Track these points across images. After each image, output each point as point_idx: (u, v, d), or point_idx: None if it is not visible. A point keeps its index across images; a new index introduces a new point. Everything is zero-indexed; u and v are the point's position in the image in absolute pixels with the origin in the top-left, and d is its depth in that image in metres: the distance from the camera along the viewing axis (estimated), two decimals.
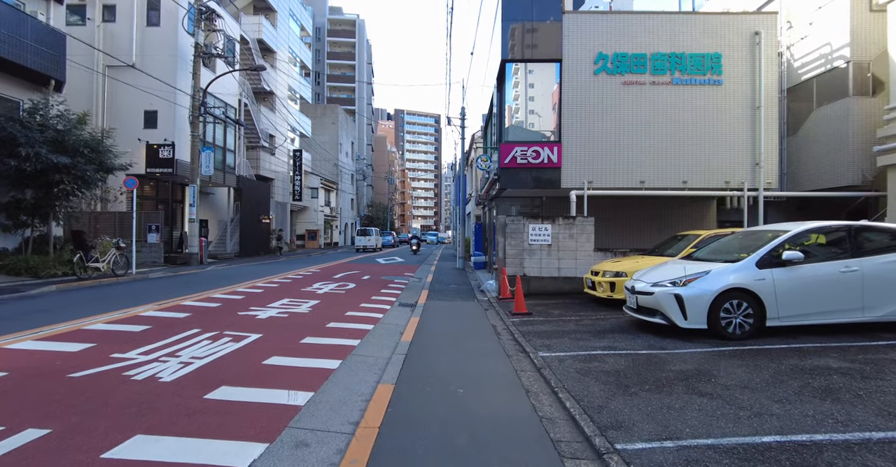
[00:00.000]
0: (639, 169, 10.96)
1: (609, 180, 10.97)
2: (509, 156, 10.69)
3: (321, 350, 5.37)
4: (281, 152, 31.46)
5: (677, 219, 13.10)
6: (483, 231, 19.36)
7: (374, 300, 9.44)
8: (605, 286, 8.43)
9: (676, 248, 8.97)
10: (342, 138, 45.73)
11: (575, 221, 10.29)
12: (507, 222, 10.31)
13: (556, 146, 10.75)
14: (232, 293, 9.76)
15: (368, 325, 6.90)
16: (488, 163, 11.23)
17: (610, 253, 10.32)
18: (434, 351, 5.50)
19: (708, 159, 10.96)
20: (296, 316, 7.44)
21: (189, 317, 7.07)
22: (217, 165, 21.57)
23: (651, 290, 6.11)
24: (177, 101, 18.12)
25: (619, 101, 10.94)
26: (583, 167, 10.92)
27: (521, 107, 11.59)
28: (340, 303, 8.83)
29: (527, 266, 10.26)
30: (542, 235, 10.25)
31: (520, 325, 7.00)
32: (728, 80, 10.89)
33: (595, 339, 5.97)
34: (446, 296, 10.29)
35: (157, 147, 17.98)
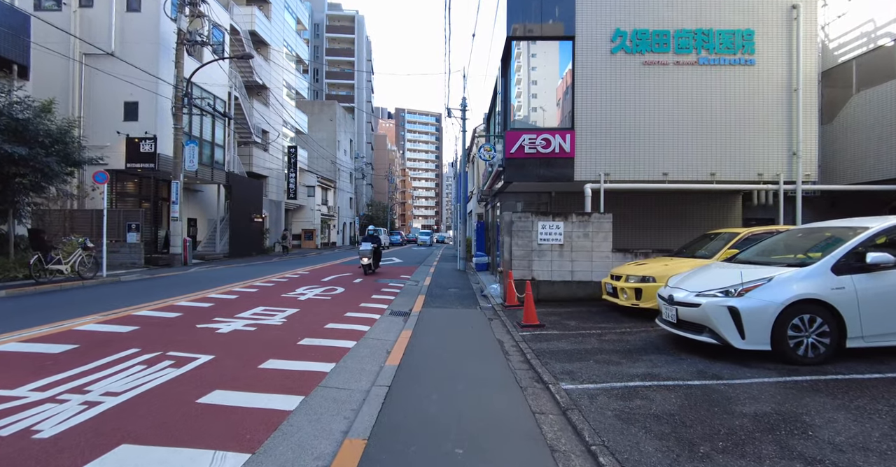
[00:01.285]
0: (661, 160, 9.78)
1: (628, 172, 9.79)
2: (516, 145, 9.52)
3: (282, 379, 4.20)
4: (275, 149, 30.32)
5: (699, 216, 11.91)
6: (485, 230, 18.18)
7: (362, 308, 8.28)
8: (630, 293, 7.25)
9: (709, 249, 7.79)
10: (340, 135, 44.58)
11: (590, 218, 9.11)
12: (513, 219, 9.14)
13: (568, 134, 9.58)
14: (201, 300, 8.60)
15: (349, 342, 5.73)
16: (492, 153, 10.06)
17: (630, 254, 9.14)
18: (426, 380, 4.33)
19: (738, 149, 9.78)
20: (265, 329, 6.27)
21: (134, 331, 5.91)
22: (204, 161, 20.44)
23: (696, 301, 4.93)
24: (159, 92, 16.99)
25: (639, 84, 9.76)
26: (598, 157, 9.74)
27: (524, 91, 10.39)
28: (322, 313, 7.66)
29: (536, 269, 9.09)
30: (554, 234, 9.08)
31: (532, 341, 5.83)
32: (761, 59, 9.71)
33: (628, 362, 4.80)
34: (445, 303, 9.13)
35: (137, 141, 16.85)
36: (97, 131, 17.02)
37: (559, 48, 10.22)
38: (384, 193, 71.15)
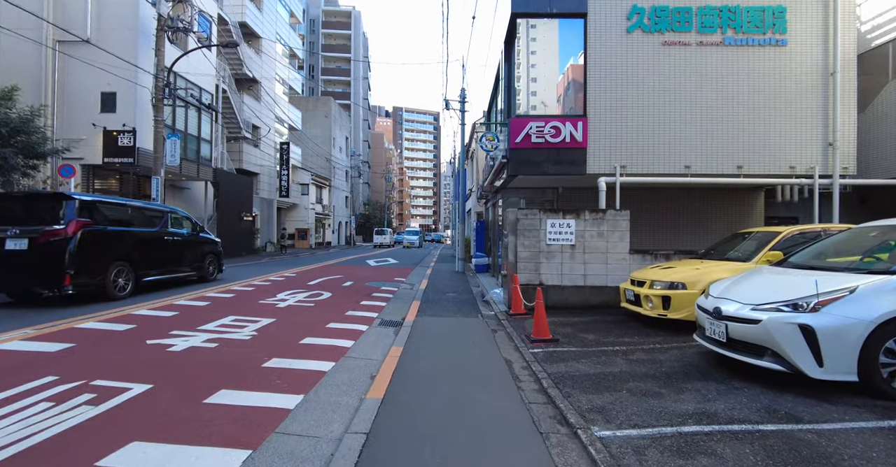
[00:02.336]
0: (683, 151, 8.82)
1: (646, 165, 8.83)
2: (521, 134, 8.54)
3: (229, 422, 3.21)
4: (267, 146, 29.28)
5: (717, 214, 10.96)
6: (485, 229, 17.21)
7: (348, 317, 7.28)
8: (656, 302, 6.27)
9: (743, 250, 6.83)
10: (335, 133, 43.53)
11: (605, 216, 8.14)
12: (519, 217, 8.16)
13: (580, 121, 8.60)
14: (165, 307, 7.59)
15: (326, 363, 4.74)
16: (495, 143, 9.07)
17: (649, 256, 8.18)
18: (417, 424, 3.34)
19: (768, 139, 8.82)
20: (228, 346, 5.28)
21: (64, 351, 4.90)
22: (190, 156, 19.40)
23: (754, 316, 3.96)
24: (138, 82, 15.94)
25: (659, 66, 8.80)
26: (614, 148, 8.77)
27: (524, 76, 9.39)
28: (301, 323, 6.67)
29: (544, 272, 8.11)
30: (564, 233, 8.11)
31: (546, 362, 4.85)
32: (794, 39, 8.75)
33: (671, 393, 3.83)
34: (442, 310, 8.15)
35: (115, 134, 15.80)
36: (72, 123, 15.98)
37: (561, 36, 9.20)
38: (381, 192, 70.13)
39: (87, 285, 7.81)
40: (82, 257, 7.62)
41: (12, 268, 7.33)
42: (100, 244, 8.07)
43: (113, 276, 8.26)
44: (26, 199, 8.14)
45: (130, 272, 8.68)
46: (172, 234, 10.24)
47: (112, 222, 8.57)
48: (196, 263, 11.07)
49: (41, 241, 7.34)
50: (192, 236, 11.07)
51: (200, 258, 11.27)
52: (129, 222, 9.07)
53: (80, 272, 7.59)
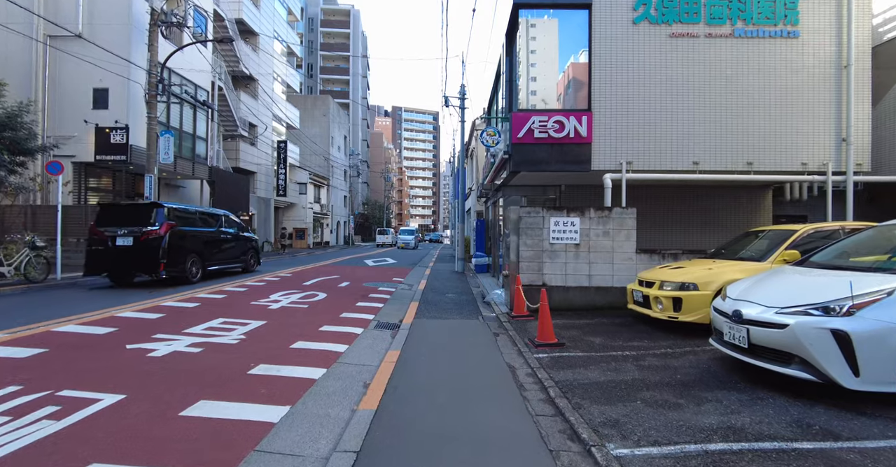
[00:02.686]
0: (691, 146, 8.51)
1: (653, 161, 8.52)
2: (524, 129, 8.22)
3: (206, 437, 2.90)
4: (264, 144, 28.95)
5: (724, 212, 10.65)
6: (485, 229, 16.90)
7: (343, 319, 6.96)
8: (666, 303, 5.96)
9: (756, 249, 6.52)
10: (334, 131, 43.19)
11: (611, 214, 7.83)
12: (521, 216, 7.85)
13: (585, 115, 8.29)
14: (151, 309, 7.27)
15: (317, 370, 4.42)
16: (496, 139, 8.72)
17: (657, 255, 7.87)
18: (412, 440, 3.03)
19: (779, 134, 8.52)
20: (213, 351, 4.96)
21: (36, 357, 4.58)
22: (184, 154, 19.07)
23: (780, 320, 3.64)
24: (131, 77, 15.62)
25: (666, 59, 8.49)
26: (619, 143, 8.46)
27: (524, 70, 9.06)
28: (293, 326, 6.35)
29: (547, 272, 7.80)
30: (568, 232, 7.79)
31: (552, 368, 4.54)
32: (806, 31, 8.45)
33: (690, 404, 3.52)
34: (441, 312, 7.83)
35: (108, 131, 15.47)
36: (64, 120, 15.67)
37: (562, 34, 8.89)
38: (380, 192, 69.80)
39: (173, 272, 10.10)
40: (171, 250, 9.94)
41: (121, 259, 9.70)
42: (181, 241, 10.35)
43: (189, 265, 10.60)
44: (130, 207, 10.64)
45: (199, 262, 11.02)
46: (225, 233, 12.52)
47: (186, 224, 10.80)
48: (241, 256, 13.51)
49: (142, 239, 9.65)
50: (238, 234, 13.37)
51: (245, 252, 13.72)
52: (197, 223, 11.33)
53: (169, 262, 9.88)
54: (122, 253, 9.63)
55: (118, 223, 9.91)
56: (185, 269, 10.40)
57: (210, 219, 12.09)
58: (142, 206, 10.39)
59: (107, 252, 9.68)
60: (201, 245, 11.16)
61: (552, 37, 8.99)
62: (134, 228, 9.73)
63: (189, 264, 10.52)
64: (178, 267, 10.18)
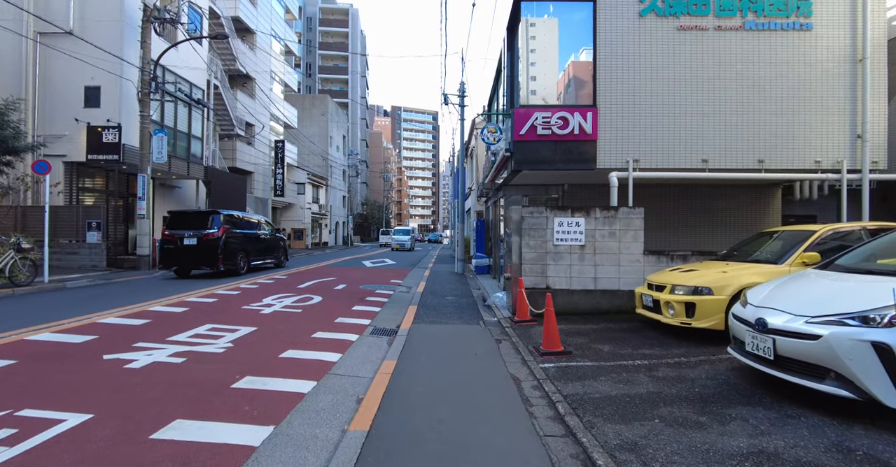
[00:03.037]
0: (700, 143, 8.19)
1: (660, 159, 8.20)
2: (526, 126, 7.90)
3: (176, 466, 2.58)
4: (262, 144, 28.61)
5: (730, 213, 10.35)
6: (486, 229, 16.58)
7: (338, 325, 6.64)
8: (679, 308, 5.64)
9: (771, 251, 6.21)
10: (332, 131, 42.86)
11: (617, 214, 7.51)
12: (524, 216, 7.53)
13: (590, 111, 7.97)
14: (137, 314, 6.94)
15: (307, 383, 4.10)
16: (497, 136, 8.38)
17: (664, 257, 7.55)
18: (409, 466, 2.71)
19: (792, 131, 8.20)
20: (197, 362, 4.64)
21: (1, 370, 4.25)
22: (179, 154, 18.75)
23: (811, 331, 3.33)
24: (124, 75, 15.28)
25: (674, 53, 8.18)
26: (625, 140, 8.15)
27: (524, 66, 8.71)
28: (284, 332, 6.03)
29: (551, 275, 7.48)
30: (573, 233, 7.48)
31: (560, 380, 4.22)
32: (820, 23, 8.14)
33: (713, 422, 3.20)
34: (441, 316, 7.51)
35: (100, 130, 15.12)
36: (54, 119, 15.32)
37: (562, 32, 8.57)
38: (380, 192, 69.48)
39: (228, 265, 12.45)
40: (225, 248, 12.22)
41: (187, 256, 12.08)
42: (233, 241, 12.72)
43: (239, 260, 12.95)
44: (193, 214, 13.10)
45: (246, 258, 13.39)
46: (263, 234, 14.95)
47: (236, 227, 13.17)
48: (275, 253, 15.81)
49: (204, 240, 11.94)
50: (273, 235, 15.85)
51: (277, 249, 16.07)
52: (244, 226, 13.74)
53: (225, 258, 12.18)
54: (188, 250, 12.04)
55: (184, 227, 12.24)
56: (236, 263, 12.80)
57: (252, 222, 14.64)
58: (203, 213, 12.86)
59: (176, 250, 12.09)
60: (247, 243, 13.64)
61: (552, 36, 8.70)
62: (197, 231, 12.05)
63: (239, 259, 12.94)
64: (231, 261, 12.55)
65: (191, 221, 12.47)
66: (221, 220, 12.41)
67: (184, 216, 12.80)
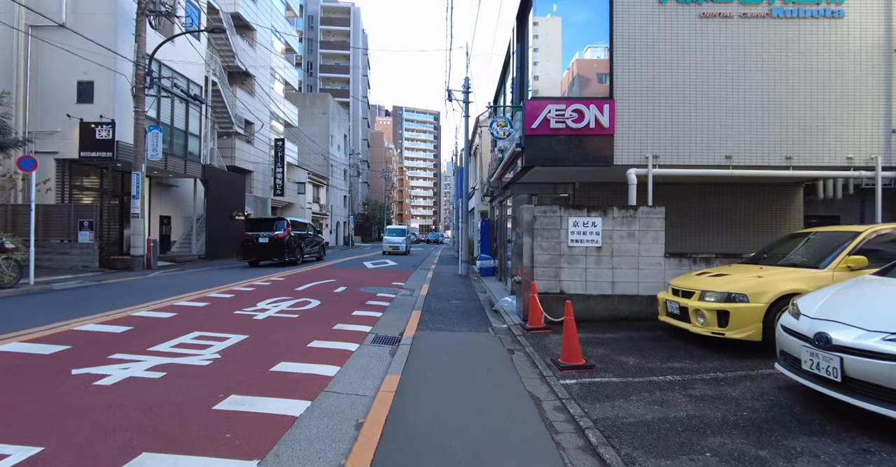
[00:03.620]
0: (723, 139, 7.68)
1: (681, 155, 7.69)
2: (539, 119, 7.40)
3: None
4: (262, 142, 28.15)
5: (751, 212, 9.84)
6: (490, 229, 16.08)
7: (336, 332, 6.15)
8: (710, 317, 5.13)
9: (808, 254, 5.71)
10: (333, 130, 42.38)
11: (636, 213, 7.01)
12: (536, 215, 7.03)
13: (606, 104, 7.46)
14: (119, 321, 6.45)
15: (299, 403, 3.60)
16: (507, 130, 7.86)
17: (687, 259, 7.05)
18: None
19: (822, 125, 7.69)
20: (178, 376, 4.14)
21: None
22: (176, 151, 18.29)
23: (892, 350, 2.82)
24: (117, 70, 14.81)
25: (696, 41, 7.67)
26: (644, 135, 7.64)
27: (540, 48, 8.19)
28: (277, 341, 5.53)
29: (565, 279, 6.98)
30: (589, 234, 6.98)
31: (586, 400, 3.73)
32: (852, 10, 7.63)
33: (777, 458, 2.71)
34: (446, 322, 7.02)
35: (93, 126, 14.67)
36: (46, 114, 14.88)
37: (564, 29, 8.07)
38: (381, 192, 69.01)
39: (290, 257, 16.71)
40: (289, 245, 16.33)
41: (262, 250, 16.11)
42: (292, 239, 16.75)
43: (297, 253, 17.13)
44: (265, 220, 17.38)
45: (301, 252, 17.47)
46: (311, 235, 19.62)
47: (295, 228, 17.26)
48: (318, 250, 20.49)
49: (274, 239, 15.90)
50: (315, 235, 20.60)
51: (320, 247, 21.18)
52: (299, 228, 17.92)
53: (289, 251, 16.37)
54: (262, 246, 16.21)
55: (258, 229, 16.49)
56: (295, 255, 17.02)
57: (304, 224, 19.27)
58: (272, 219, 17.17)
59: (253, 246, 16.27)
60: (301, 241, 17.81)
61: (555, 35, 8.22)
62: (268, 232, 16.28)
63: (296, 252, 17.16)
64: (293, 254, 16.85)
65: (263, 225, 16.76)
66: (285, 225, 16.72)
67: (258, 221, 17.21)
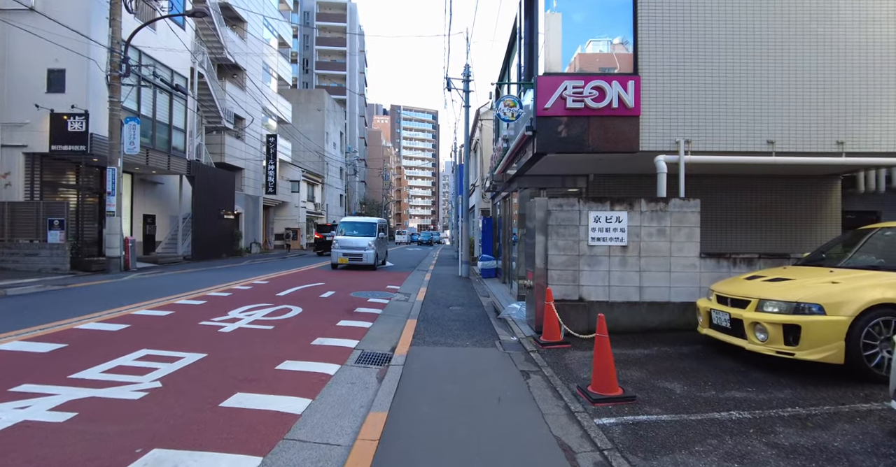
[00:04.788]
0: (764, 121, 6.69)
1: (715, 140, 6.69)
2: (553, 97, 6.38)
3: None
4: (253, 139, 27.10)
5: (782, 208, 8.84)
6: (493, 228, 15.08)
7: (316, 349, 5.14)
8: (773, 332, 4.13)
9: (886, 254, 4.71)
10: (329, 127, 41.30)
11: (668, 206, 6.03)
12: (551, 209, 6.03)
13: (631, 80, 6.46)
14: (53, 336, 5.43)
15: (248, 461, 2.59)
16: (515, 110, 6.81)
17: (726, 261, 6.08)
18: None
19: (877, 106, 6.70)
20: (92, 419, 3.14)
21: None
22: (159, 146, 17.26)
23: None
24: (91, 57, 13.76)
25: (733, 9, 6.67)
26: (674, 117, 6.64)
27: None
28: (240, 362, 4.52)
29: (585, 283, 5.99)
30: (613, 230, 5.98)
31: (635, 452, 2.74)
32: None
33: None
34: (446, 334, 6.02)
35: (65, 118, 13.62)
36: (13, 105, 13.84)
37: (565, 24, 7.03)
38: (379, 191, 67.94)
39: None
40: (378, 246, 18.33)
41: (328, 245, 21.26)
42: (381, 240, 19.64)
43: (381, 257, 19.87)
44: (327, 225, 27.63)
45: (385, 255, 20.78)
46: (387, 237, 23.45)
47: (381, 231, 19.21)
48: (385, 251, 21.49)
49: None
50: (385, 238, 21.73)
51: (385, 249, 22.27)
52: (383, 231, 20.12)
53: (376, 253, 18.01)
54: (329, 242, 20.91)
55: (325, 230, 25.44)
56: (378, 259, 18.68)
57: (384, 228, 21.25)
58: (335, 225, 23.49)
59: (323, 242, 23.52)
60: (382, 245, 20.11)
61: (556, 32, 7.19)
62: (332, 232, 21.59)
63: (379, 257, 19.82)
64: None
65: (327, 227, 26.04)
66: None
67: (323, 225, 25.88)
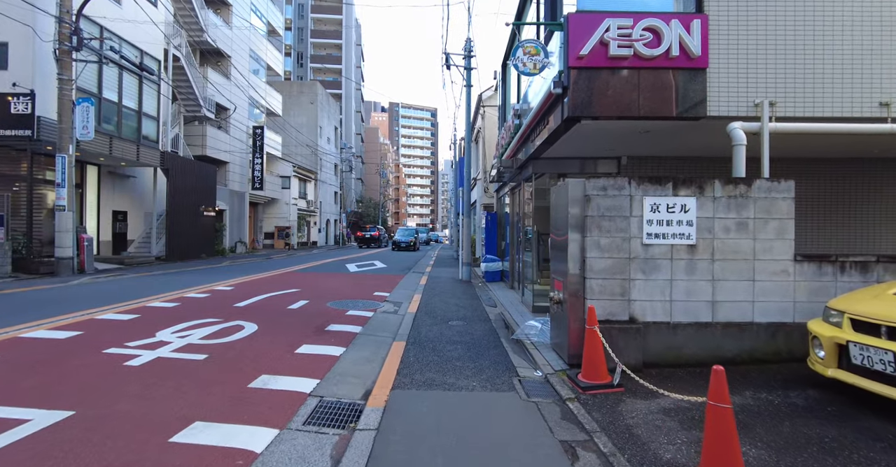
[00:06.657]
0: (873, 77, 5.04)
1: (805, 102, 5.04)
2: (592, 41, 4.65)
3: None
4: (239, 131, 25.37)
5: (868, 196, 7.18)
6: (497, 225, 13.40)
7: (251, 396, 3.44)
8: None
9: None
10: (323, 121, 39.52)
11: (750, 190, 4.36)
12: (590, 194, 4.36)
13: (696, 19, 4.76)
14: None
15: None
16: (539, 60, 5.00)
17: (829, 265, 4.43)
18: None
19: None
20: None
21: None
22: (126, 134, 15.55)
23: None
24: (38, 28, 12.04)
25: None
26: (753, 70, 4.98)
27: None
28: (120, 428, 2.82)
29: (638, 297, 4.30)
30: (676, 224, 4.31)
31: None
32: None
33: None
34: (444, 367, 4.34)
35: (9, 98, 11.93)
36: None
37: None
38: (376, 189, 66.15)
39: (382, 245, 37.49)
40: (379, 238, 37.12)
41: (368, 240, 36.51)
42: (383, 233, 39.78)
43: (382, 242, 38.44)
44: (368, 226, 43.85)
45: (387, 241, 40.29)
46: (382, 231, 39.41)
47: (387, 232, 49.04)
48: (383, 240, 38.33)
49: (375, 235, 36.64)
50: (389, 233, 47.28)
51: None
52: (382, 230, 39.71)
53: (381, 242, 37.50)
54: (369, 238, 35.84)
55: (364, 230, 38.96)
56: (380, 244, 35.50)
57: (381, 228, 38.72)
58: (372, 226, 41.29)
59: (364, 238, 36.10)
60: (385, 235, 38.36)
61: None
62: (371, 231, 36.79)
63: (382, 242, 36.66)
64: (379, 243, 35.87)
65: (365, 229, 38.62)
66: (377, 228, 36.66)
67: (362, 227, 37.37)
